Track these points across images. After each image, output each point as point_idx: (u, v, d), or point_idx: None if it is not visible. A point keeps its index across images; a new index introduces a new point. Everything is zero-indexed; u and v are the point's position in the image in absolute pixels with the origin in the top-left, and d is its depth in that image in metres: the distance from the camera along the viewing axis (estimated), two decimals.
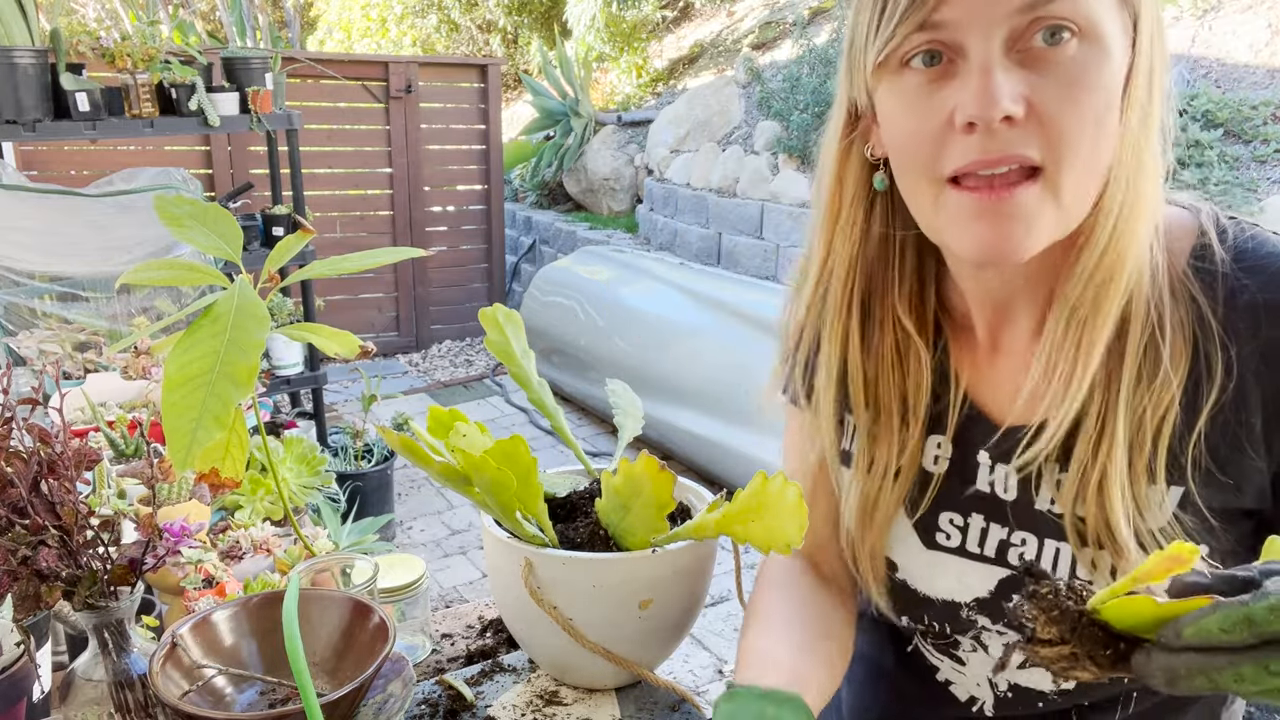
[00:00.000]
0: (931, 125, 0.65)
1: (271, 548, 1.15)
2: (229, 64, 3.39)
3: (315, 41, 12.00)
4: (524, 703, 0.95)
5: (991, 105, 0.61)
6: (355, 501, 2.65)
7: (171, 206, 0.89)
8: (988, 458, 0.78)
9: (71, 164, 4.87)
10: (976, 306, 0.78)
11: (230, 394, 0.78)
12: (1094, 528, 0.70)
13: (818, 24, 6.38)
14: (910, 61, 0.65)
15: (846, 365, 0.80)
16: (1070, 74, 0.61)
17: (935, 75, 0.64)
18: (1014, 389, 0.77)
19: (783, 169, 5.16)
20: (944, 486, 0.80)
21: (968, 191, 0.65)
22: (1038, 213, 0.64)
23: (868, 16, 0.66)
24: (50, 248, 2.92)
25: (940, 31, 0.62)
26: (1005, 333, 0.78)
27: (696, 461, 3.86)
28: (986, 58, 0.61)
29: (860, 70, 0.69)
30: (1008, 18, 0.61)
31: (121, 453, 1.41)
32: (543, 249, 6.50)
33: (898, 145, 0.69)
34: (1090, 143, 0.63)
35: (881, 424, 0.80)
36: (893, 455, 0.80)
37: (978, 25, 0.61)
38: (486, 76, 5.90)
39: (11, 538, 0.73)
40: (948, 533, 0.80)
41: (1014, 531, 0.77)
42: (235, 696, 0.81)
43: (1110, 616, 0.52)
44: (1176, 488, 0.69)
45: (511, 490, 0.85)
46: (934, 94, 0.64)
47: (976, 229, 0.65)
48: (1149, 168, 0.66)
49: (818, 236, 0.80)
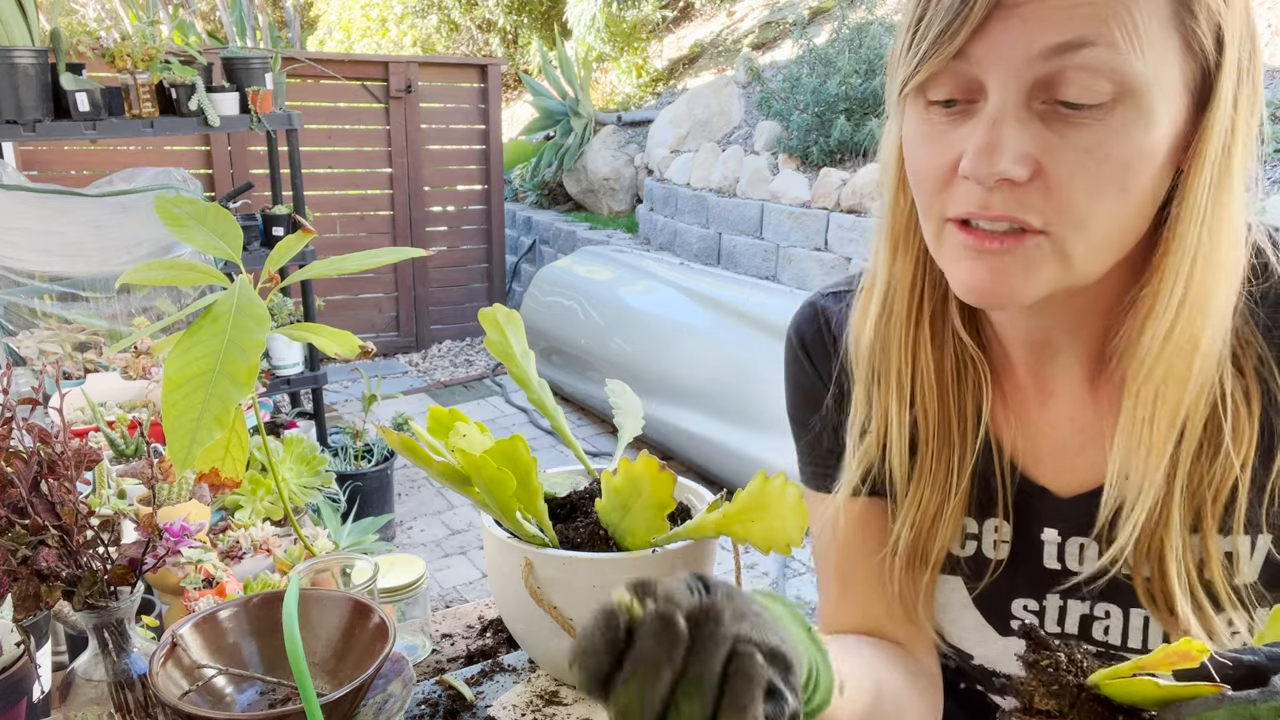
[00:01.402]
0: (940, 163, 0.61)
1: (271, 548, 1.15)
2: (229, 64, 3.39)
3: (315, 41, 12.00)
4: (524, 703, 0.95)
5: (990, 164, 0.57)
6: (355, 501, 2.65)
7: (171, 206, 0.89)
8: (1056, 535, 0.74)
9: (71, 164, 4.87)
10: (1013, 345, 0.74)
11: (230, 394, 0.78)
12: (1157, 589, 0.67)
13: (818, 24, 6.38)
14: (934, 99, 0.61)
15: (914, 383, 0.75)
16: (1094, 139, 0.56)
17: (956, 114, 0.60)
18: (1066, 442, 0.73)
19: (783, 169, 5.16)
20: (1008, 572, 0.75)
21: (963, 230, 0.61)
22: (1038, 264, 0.60)
23: (902, 39, 0.62)
24: (50, 248, 2.92)
25: (965, 65, 0.58)
26: (1050, 375, 0.74)
27: (696, 461, 3.86)
28: (1002, 106, 0.57)
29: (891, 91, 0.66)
30: (1031, 63, 0.55)
31: (121, 453, 1.41)
32: (543, 249, 6.50)
33: (911, 175, 0.66)
34: (1108, 212, 0.58)
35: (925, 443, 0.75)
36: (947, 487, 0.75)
37: (1002, 66, 0.56)
38: (486, 76, 5.90)
39: (11, 538, 0.73)
40: (1023, 619, 0.76)
41: (1095, 604, 0.73)
42: (235, 696, 0.81)
43: (1111, 693, 0.51)
44: (1263, 536, 0.66)
45: (511, 490, 0.85)
46: (949, 130, 0.61)
47: (971, 269, 0.62)
48: (1226, 227, 0.60)
49: (880, 252, 0.75)
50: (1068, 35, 0.54)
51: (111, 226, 3.03)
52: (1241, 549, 0.67)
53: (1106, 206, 0.58)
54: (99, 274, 2.91)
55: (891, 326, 0.74)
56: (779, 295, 4.08)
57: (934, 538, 0.76)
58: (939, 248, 0.65)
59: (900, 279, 0.73)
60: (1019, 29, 0.55)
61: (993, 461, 0.75)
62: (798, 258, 4.79)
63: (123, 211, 3.06)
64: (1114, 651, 0.73)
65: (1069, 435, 0.74)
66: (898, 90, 0.62)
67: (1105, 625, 0.73)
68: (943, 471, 0.75)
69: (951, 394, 0.74)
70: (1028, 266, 0.60)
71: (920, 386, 0.74)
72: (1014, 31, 0.55)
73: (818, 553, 0.87)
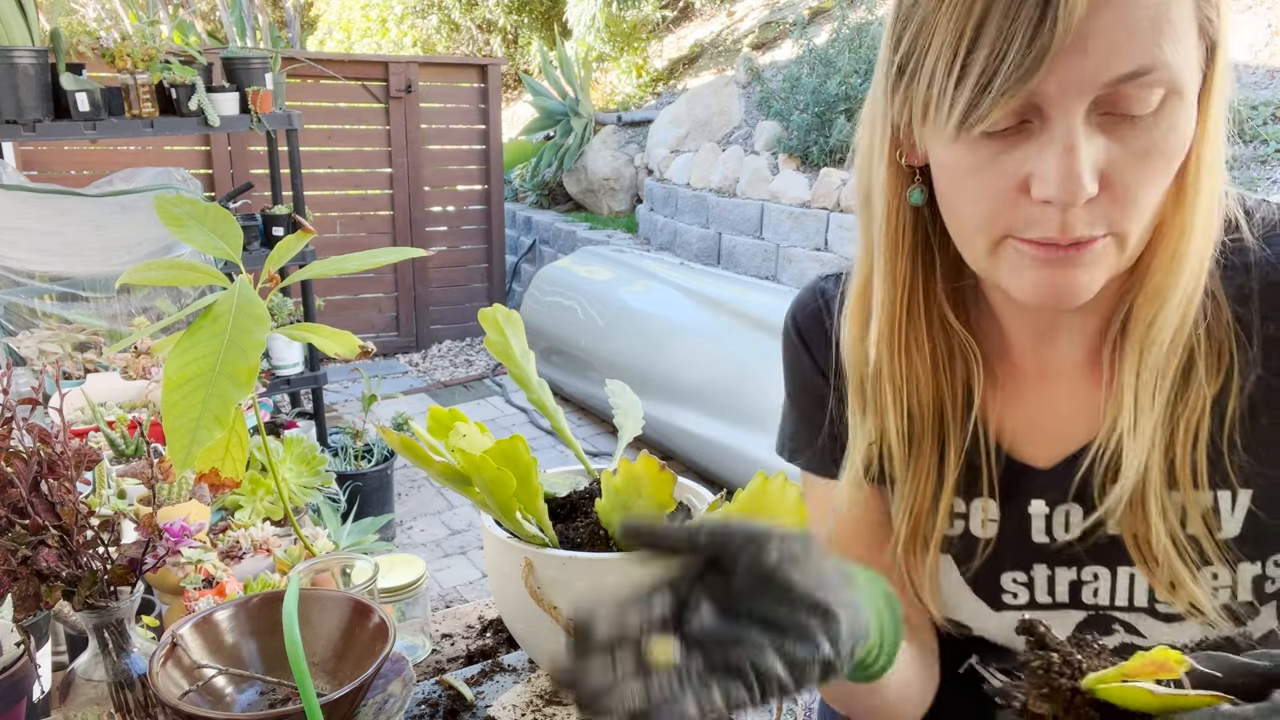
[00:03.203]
0: (1000, 187, 0.61)
1: (271, 548, 1.15)
2: (229, 64, 3.39)
3: (315, 41, 12.00)
4: (524, 703, 0.95)
5: (1076, 188, 0.57)
6: (355, 501, 2.65)
7: (171, 206, 0.89)
8: (1044, 506, 0.76)
9: (71, 164, 4.87)
10: (1017, 333, 0.76)
11: (230, 394, 0.78)
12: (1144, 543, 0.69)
13: (818, 24, 6.38)
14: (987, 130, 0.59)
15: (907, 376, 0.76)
16: (1150, 142, 0.58)
17: (1009, 137, 0.60)
18: (1058, 418, 0.75)
19: (783, 169, 5.16)
20: (997, 549, 0.77)
21: (1033, 246, 0.62)
22: (1102, 260, 0.62)
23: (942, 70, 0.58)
24: (50, 248, 2.92)
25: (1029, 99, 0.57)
26: (1051, 358, 0.76)
27: (696, 461, 3.86)
28: (1070, 130, 0.57)
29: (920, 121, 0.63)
30: (1100, 88, 0.56)
31: (121, 453, 1.41)
32: (543, 249, 6.50)
33: (956, 200, 0.65)
34: (1158, 198, 0.61)
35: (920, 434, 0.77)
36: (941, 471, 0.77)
37: (1068, 96, 0.57)
38: (486, 76, 5.90)
39: (11, 538, 0.73)
40: (1014, 592, 0.78)
41: (1083, 568, 0.75)
42: (235, 696, 0.81)
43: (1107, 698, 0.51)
44: (1244, 490, 0.68)
45: (511, 490, 0.85)
46: (1003, 154, 0.60)
47: (1039, 277, 0.63)
48: (1219, 192, 0.65)
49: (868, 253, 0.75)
50: (1130, 66, 0.56)
51: (111, 226, 3.03)
52: (1222, 504, 0.69)
53: (1157, 195, 0.61)
54: (99, 274, 2.91)
55: (884, 326, 0.75)
56: (779, 295, 4.08)
57: (932, 521, 0.78)
58: (994, 262, 0.65)
59: (893, 280, 0.74)
60: (1083, 63, 0.55)
61: (979, 443, 0.77)
62: (798, 258, 4.79)
63: (123, 211, 3.06)
64: (1104, 612, 0.75)
65: (1066, 411, 0.75)
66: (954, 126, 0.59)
67: (1094, 588, 0.75)
68: (936, 457, 0.77)
69: (944, 381, 0.76)
70: (1092, 268, 0.62)
71: (913, 378, 0.76)
72: (1079, 66, 0.56)
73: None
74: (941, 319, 0.75)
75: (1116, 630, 0.75)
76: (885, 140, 0.69)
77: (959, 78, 0.57)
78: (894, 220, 0.72)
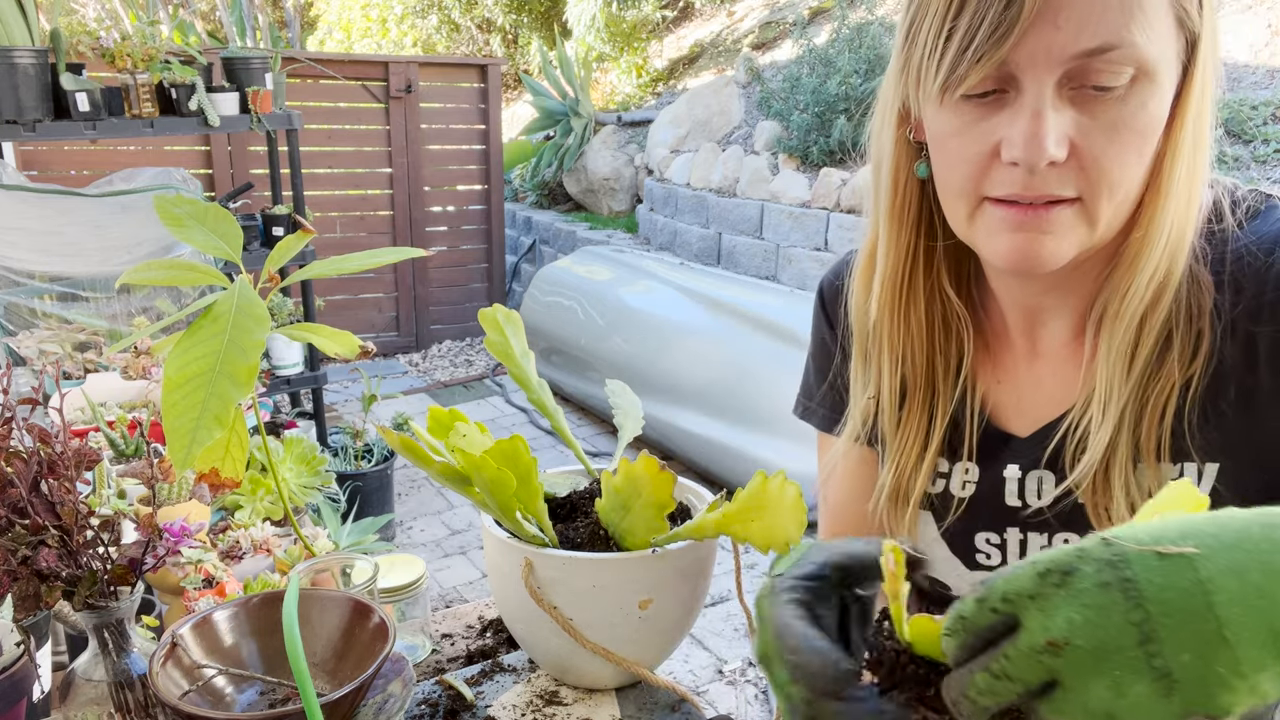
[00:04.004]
0: (976, 151, 0.67)
1: (271, 548, 1.15)
2: (229, 64, 3.39)
3: (315, 41, 12.00)
4: (524, 703, 0.95)
5: (1039, 151, 0.63)
6: (355, 501, 2.65)
7: (171, 206, 0.89)
8: (1017, 470, 0.79)
9: (71, 164, 4.87)
10: (1010, 310, 0.81)
11: (230, 394, 0.78)
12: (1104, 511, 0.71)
13: (818, 24, 6.38)
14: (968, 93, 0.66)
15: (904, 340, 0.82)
16: (1119, 117, 0.63)
17: (987, 104, 0.66)
18: (1042, 394, 0.78)
19: (783, 169, 5.16)
20: (971, 508, 0.81)
21: (1004, 206, 0.67)
22: (1070, 230, 0.66)
23: (932, 36, 0.66)
24: (50, 248, 2.92)
25: (1004, 65, 0.63)
26: (1040, 338, 0.80)
27: (696, 461, 3.86)
28: (1040, 98, 0.63)
29: (915, 86, 0.70)
30: (1065, 62, 0.62)
31: (121, 453, 1.41)
32: (543, 249, 6.50)
33: (942, 164, 0.71)
34: (1130, 176, 0.65)
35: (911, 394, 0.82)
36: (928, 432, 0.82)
37: (1039, 66, 0.62)
38: (486, 76, 5.90)
39: (11, 538, 0.73)
40: (986, 552, 0.81)
41: (1054, 534, 0.77)
42: (235, 696, 0.81)
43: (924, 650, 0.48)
44: (1210, 464, 0.70)
45: (511, 490, 0.85)
46: (982, 120, 0.66)
47: (1010, 240, 0.67)
48: (1200, 169, 0.68)
49: (876, 221, 0.81)
50: (1097, 42, 0.61)
51: (111, 226, 3.03)
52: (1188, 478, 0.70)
53: (1129, 171, 0.65)
54: (99, 274, 2.91)
55: (885, 290, 0.81)
56: (779, 295, 4.08)
57: (914, 478, 0.83)
58: (973, 225, 0.70)
59: (896, 247, 0.79)
60: (1053, 35, 0.61)
61: (965, 408, 0.82)
62: (798, 258, 4.79)
63: (123, 211, 3.06)
64: None
65: (1049, 388, 0.80)
66: (937, 91, 0.66)
67: None
68: (925, 418, 0.83)
69: (938, 347, 0.82)
70: (1059, 234, 0.66)
71: (909, 342, 0.81)
72: (1049, 38, 0.61)
73: (819, 489, 0.97)
74: (940, 290, 0.80)
75: None
76: (894, 114, 0.75)
77: (944, 42, 0.64)
78: (899, 191, 0.78)
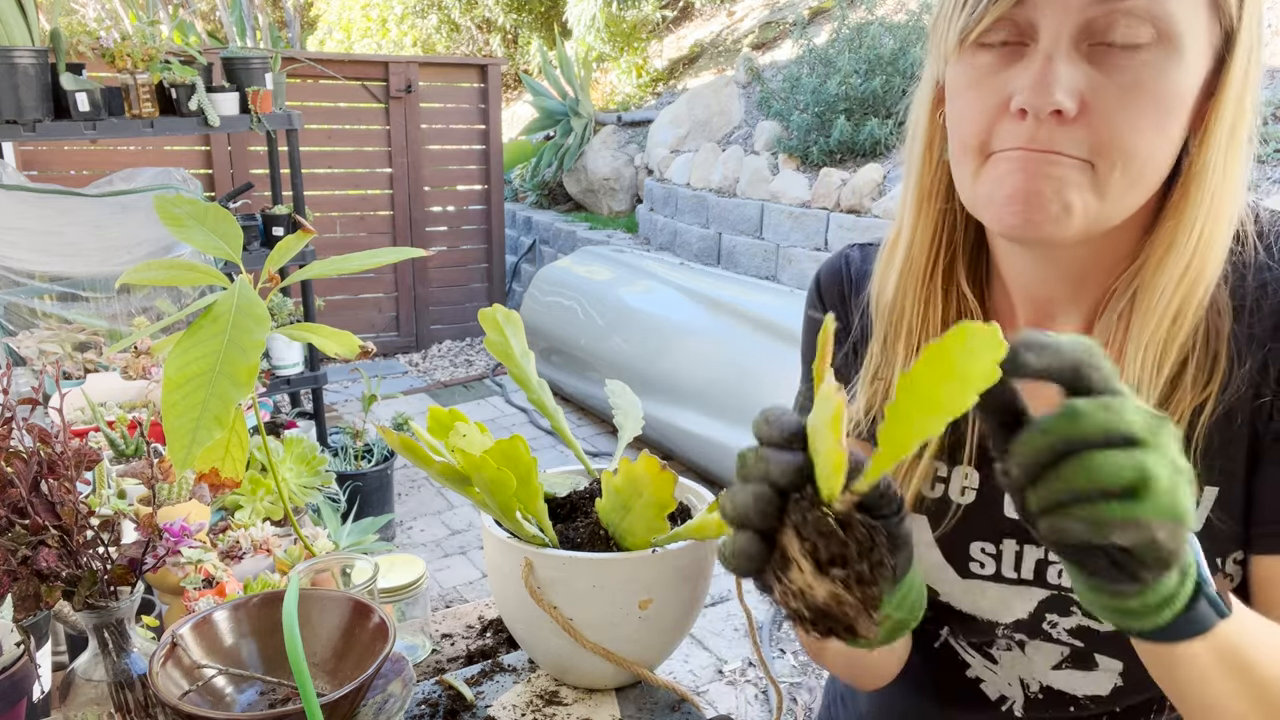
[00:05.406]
0: (988, 103, 0.66)
1: (271, 548, 1.15)
2: (229, 64, 3.39)
3: (315, 41, 12.00)
4: (524, 703, 0.95)
5: (1045, 95, 0.61)
6: (355, 501, 2.65)
7: (171, 206, 0.89)
8: None
9: (71, 164, 4.87)
10: (1021, 306, 0.78)
11: (230, 394, 0.78)
12: None
13: (818, 24, 6.38)
14: (985, 42, 0.65)
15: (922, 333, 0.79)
16: (1136, 78, 0.61)
17: (1004, 56, 0.65)
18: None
19: (783, 169, 5.16)
20: (969, 516, 0.80)
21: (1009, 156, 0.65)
22: (1075, 189, 0.63)
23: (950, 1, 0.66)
24: (50, 248, 2.92)
25: (1021, 10, 0.62)
26: None
27: (696, 461, 3.86)
28: (1054, 45, 0.62)
29: (940, 47, 0.70)
30: (1083, 8, 0.61)
31: (121, 453, 1.41)
32: (543, 249, 6.50)
33: (954, 118, 0.70)
34: (1146, 149, 0.63)
35: None
36: None
37: (1056, 9, 0.61)
38: (486, 76, 5.90)
39: (11, 538, 0.73)
40: (981, 561, 0.80)
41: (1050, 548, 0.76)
42: (235, 696, 0.81)
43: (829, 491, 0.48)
44: (1210, 488, 0.69)
45: (511, 490, 0.85)
46: (998, 73, 0.65)
47: (1011, 184, 0.64)
48: (1234, 180, 0.66)
49: (906, 206, 0.80)
50: None
51: (111, 226, 3.03)
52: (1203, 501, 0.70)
53: (1144, 140, 0.63)
54: (99, 274, 2.91)
55: (909, 278, 0.79)
56: (779, 295, 4.08)
57: (910, 479, 0.80)
58: (976, 183, 0.68)
59: (922, 233, 0.78)
60: None
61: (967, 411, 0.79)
62: (798, 258, 4.79)
63: (123, 211, 3.06)
64: (1066, 593, 0.77)
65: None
66: (955, 41, 0.66)
67: (1060, 569, 0.76)
68: None
69: None
70: (1064, 187, 0.63)
71: (925, 331, 0.79)
72: None
73: None
74: (958, 284, 0.79)
75: (1074, 613, 0.77)
76: (930, 94, 0.74)
77: None
78: (928, 173, 0.76)
